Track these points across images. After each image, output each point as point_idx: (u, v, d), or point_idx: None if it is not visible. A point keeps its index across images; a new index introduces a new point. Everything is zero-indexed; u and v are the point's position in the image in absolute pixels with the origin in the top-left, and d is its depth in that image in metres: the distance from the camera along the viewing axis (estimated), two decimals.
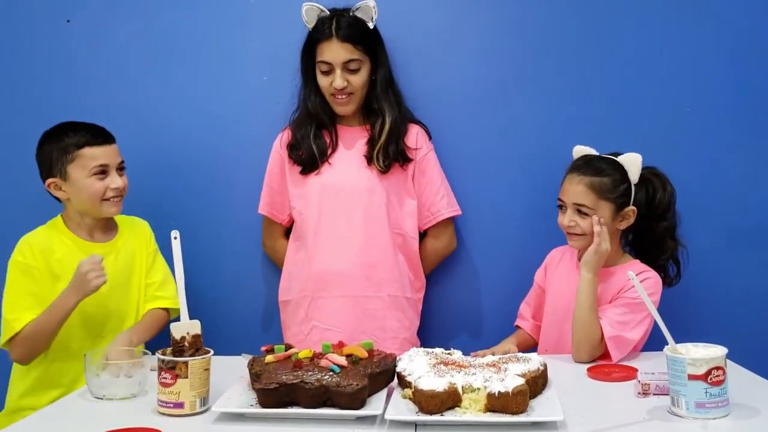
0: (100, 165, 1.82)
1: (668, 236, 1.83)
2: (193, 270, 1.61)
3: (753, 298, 2.12)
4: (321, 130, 2.00)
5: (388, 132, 1.96)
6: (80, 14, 2.17)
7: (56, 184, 1.83)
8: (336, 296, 1.95)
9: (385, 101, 1.98)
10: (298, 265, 2.01)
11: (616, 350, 1.66)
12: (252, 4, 2.16)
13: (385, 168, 1.96)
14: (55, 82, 2.17)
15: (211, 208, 2.17)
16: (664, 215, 1.82)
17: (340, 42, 1.91)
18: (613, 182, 1.76)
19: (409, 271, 2.02)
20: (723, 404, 1.26)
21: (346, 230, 1.96)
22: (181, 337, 1.37)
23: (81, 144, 1.81)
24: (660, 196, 1.81)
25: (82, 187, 1.82)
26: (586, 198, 1.75)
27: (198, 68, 2.17)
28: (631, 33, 2.12)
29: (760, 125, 2.12)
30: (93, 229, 1.89)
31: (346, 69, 1.92)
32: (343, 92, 1.94)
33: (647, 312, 1.67)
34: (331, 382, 1.30)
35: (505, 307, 2.12)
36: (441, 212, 2.03)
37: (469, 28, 2.15)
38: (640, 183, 1.80)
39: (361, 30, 1.93)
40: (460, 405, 1.28)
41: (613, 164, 1.78)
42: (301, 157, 1.99)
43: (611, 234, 1.76)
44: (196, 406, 1.33)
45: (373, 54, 1.97)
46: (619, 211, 1.77)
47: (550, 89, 2.13)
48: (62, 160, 1.81)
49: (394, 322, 1.97)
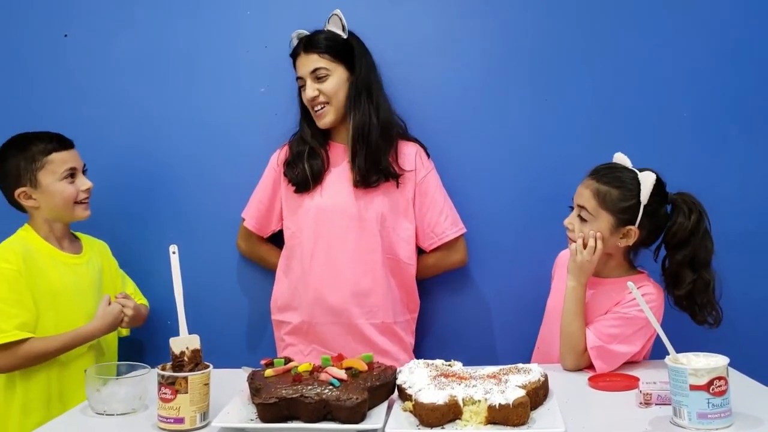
0: (69, 168, 1.86)
1: (688, 267, 1.69)
2: (191, 283, 1.60)
3: (753, 303, 2.11)
4: (315, 149, 2.00)
5: (353, 137, 1.93)
6: (77, 28, 2.17)
7: (26, 193, 1.84)
8: (332, 323, 1.95)
9: (353, 107, 1.94)
10: (292, 289, 2.00)
11: (599, 360, 1.64)
12: (249, 16, 2.16)
13: (363, 183, 1.93)
14: (53, 95, 2.18)
15: (209, 220, 2.16)
16: (683, 244, 1.70)
17: (305, 54, 1.95)
18: (621, 196, 1.70)
19: (401, 295, 2.01)
20: (725, 414, 1.25)
21: (339, 257, 1.95)
22: (181, 352, 1.37)
23: (48, 150, 1.84)
24: (680, 222, 1.70)
25: (54, 192, 1.84)
26: (588, 202, 1.72)
27: (195, 80, 2.17)
28: (627, 39, 2.12)
29: (757, 130, 2.12)
30: (61, 239, 1.91)
31: (315, 78, 1.94)
32: (316, 102, 1.95)
33: (641, 327, 1.66)
34: (331, 395, 1.29)
35: (506, 319, 2.12)
36: (446, 233, 2.02)
37: (464, 38, 2.15)
38: (665, 206, 1.73)
39: (326, 39, 1.95)
40: (461, 417, 1.28)
41: (632, 180, 1.71)
42: (296, 177, 1.98)
43: (611, 249, 1.73)
44: (196, 421, 1.33)
45: (347, 62, 1.96)
46: (618, 226, 1.70)
47: (547, 97, 2.13)
48: (31, 168, 1.83)
49: (389, 346, 1.97)
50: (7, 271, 1.76)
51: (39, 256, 1.83)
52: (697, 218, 1.70)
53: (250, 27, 2.16)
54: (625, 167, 1.75)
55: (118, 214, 2.12)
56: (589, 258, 1.69)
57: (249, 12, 2.16)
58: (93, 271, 1.92)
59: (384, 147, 1.96)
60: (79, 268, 1.89)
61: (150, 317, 2.02)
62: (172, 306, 1.41)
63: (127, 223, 2.09)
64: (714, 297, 1.71)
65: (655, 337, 1.67)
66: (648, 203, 1.69)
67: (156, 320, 2.02)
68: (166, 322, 1.98)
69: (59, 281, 1.83)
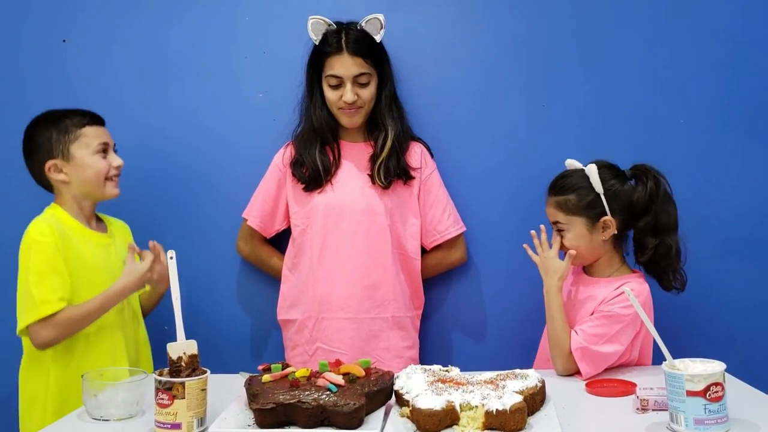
0: (102, 143, 1.84)
1: (650, 234, 1.73)
2: (190, 288, 1.60)
3: (750, 309, 2.12)
4: (325, 146, 2.00)
5: (390, 147, 1.96)
6: (76, 34, 2.18)
7: (56, 166, 1.81)
8: (340, 318, 1.95)
9: (388, 116, 1.98)
10: (300, 285, 2.00)
11: (583, 363, 1.64)
12: (247, 21, 2.17)
13: (386, 184, 1.96)
14: (52, 100, 2.15)
15: (207, 225, 2.17)
16: (645, 211, 1.73)
17: (350, 56, 1.89)
18: (578, 197, 1.73)
19: (409, 289, 2.02)
20: (722, 420, 1.25)
21: (349, 251, 1.95)
22: (178, 358, 1.37)
23: (83, 124, 1.82)
24: (639, 190, 1.73)
25: (86, 165, 1.81)
26: (557, 216, 1.77)
27: (193, 86, 2.18)
28: (624, 45, 2.13)
29: (754, 135, 2.13)
30: (89, 217, 1.88)
31: (357, 83, 1.91)
32: (352, 106, 1.93)
33: (625, 324, 1.66)
34: (328, 401, 1.29)
35: (507, 319, 2.12)
36: (449, 230, 2.04)
37: (465, 42, 2.16)
38: (627, 182, 1.76)
39: (369, 43, 1.93)
40: (458, 423, 1.28)
41: (581, 178, 1.75)
42: (305, 175, 1.98)
43: (597, 246, 1.75)
44: (193, 426, 1.32)
45: (380, 68, 1.96)
46: (594, 222, 1.73)
47: (545, 101, 2.15)
48: (63, 140, 1.80)
49: (398, 341, 1.97)
50: (44, 245, 1.72)
51: (71, 232, 1.80)
52: (654, 184, 1.73)
53: (249, 32, 2.17)
54: (574, 170, 1.79)
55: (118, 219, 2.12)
56: (540, 259, 1.75)
57: (247, 18, 2.17)
58: (120, 250, 1.89)
59: (405, 150, 1.99)
60: (109, 247, 1.87)
61: (147, 322, 2.01)
62: (170, 311, 1.41)
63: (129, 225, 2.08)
64: (677, 262, 1.73)
65: (653, 343, 1.68)
66: (605, 190, 1.72)
67: (153, 325, 2.01)
68: (163, 327, 1.98)
69: (93, 258, 1.81)
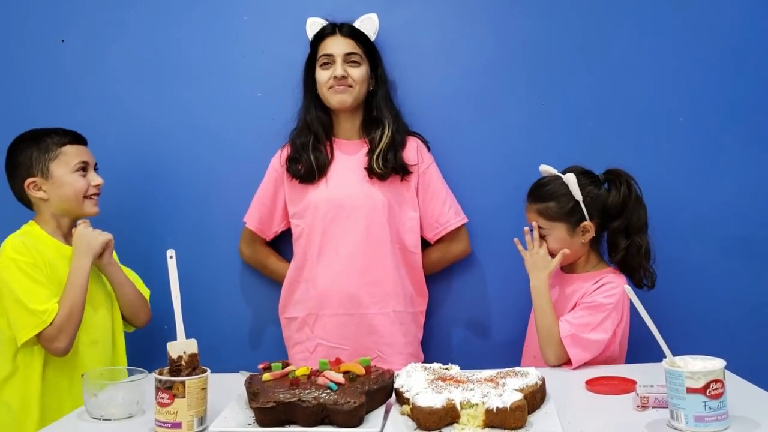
0: (82, 162, 1.86)
1: (622, 234, 1.81)
2: (189, 287, 1.60)
3: (749, 307, 2.12)
4: (318, 142, 2.01)
5: (388, 140, 1.97)
6: (74, 34, 2.18)
7: (36, 184, 1.83)
8: (341, 314, 1.95)
9: (386, 112, 2.01)
10: (301, 282, 2.01)
11: (573, 348, 1.71)
12: (245, 21, 2.17)
13: (384, 171, 1.96)
14: (50, 100, 2.18)
15: (206, 225, 2.17)
16: (618, 214, 1.82)
17: (343, 37, 1.99)
18: (559, 204, 1.80)
19: (411, 285, 2.03)
20: (722, 417, 1.25)
21: (349, 248, 1.96)
22: (178, 357, 1.37)
23: (63, 142, 1.85)
24: (613, 195, 1.82)
25: (65, 183, 1.83)
26: (539, 222, 1.82)
27: (192, 85, 2.18)
28: (624, 44, 2.14)
29: (752, 134, 2.13)
30: (67, 235, 1.88)
31: (347, 61, 1.96)
32: (343, 82, 1.96)
33: (609, 312, 1.74)
34: (329, 400, 1.29)
35: (509, 314, 2.12)
36: (450, 222, 2.05)
37: (464, 41, 2.16)
38: (602, 187, 1.84)
39: (362, 34, 2.00)
40: (458, 421, 1.28)
41: (560, 185, 1.81)
42: (299, 171, 1.99)
43: (577, 248, 1.82)
44: (193, 425, 1.32)
45: (372, 61, 2.01)
46: (574, 227, 1.80)
47: (543, 100, 2.15)
48: (43, 158, 1.83)
49: (400, 337, 1.97)
50: (22, 263, 1.74)
51: (46, 249, 1.81)
52: (627, 188, 1.82)
53: (247, 32, 2.17)
54: (552, 177, 1.84)
55: (116, 219, 2.10)
56: (545, 253, 1.80)
57: (246, 17, 2.17)
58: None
59: (402, 147, 2.01)
60: None
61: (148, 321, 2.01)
62: (170, 310, 1.41)
63: (125, 227, 2.08)
64: (647, 260, 1.82)
65: (628, 332, 1.78)
66: (584, 197, 1.79)
67: (153, 324, 2.01)
68: (163, 326, 1.98)
69: (66, 275, 1.81)
